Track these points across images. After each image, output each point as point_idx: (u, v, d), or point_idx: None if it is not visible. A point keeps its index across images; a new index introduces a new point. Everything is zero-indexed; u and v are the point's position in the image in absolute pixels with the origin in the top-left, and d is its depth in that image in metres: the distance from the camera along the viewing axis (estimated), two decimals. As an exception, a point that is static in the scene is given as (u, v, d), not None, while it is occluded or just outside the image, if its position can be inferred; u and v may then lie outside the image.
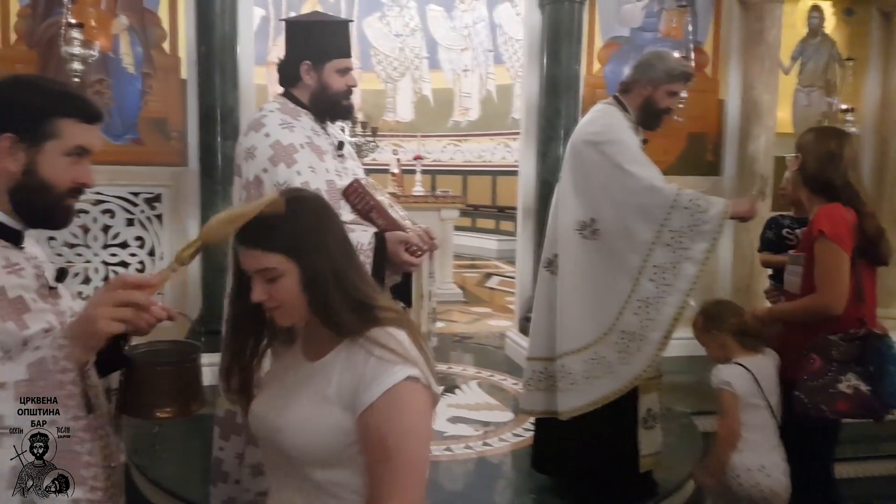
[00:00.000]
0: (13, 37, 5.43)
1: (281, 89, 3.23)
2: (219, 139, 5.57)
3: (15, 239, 1.87)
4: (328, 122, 3.26)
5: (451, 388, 6.03)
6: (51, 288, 1.92)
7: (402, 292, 3.07)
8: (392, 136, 15.78)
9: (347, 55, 3.17)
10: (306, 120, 3.12)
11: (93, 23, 5.45)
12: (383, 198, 3.08)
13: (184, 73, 5.75)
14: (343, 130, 3.43)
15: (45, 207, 1.86)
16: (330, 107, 3.17)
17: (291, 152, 2.93)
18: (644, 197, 3.62)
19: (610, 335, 3.76)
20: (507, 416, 5.42)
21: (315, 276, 1.84)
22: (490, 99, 16.15)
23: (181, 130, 5.77)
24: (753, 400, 3.45)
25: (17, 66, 5.38)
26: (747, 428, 3.44)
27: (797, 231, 4.33)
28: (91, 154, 1.91)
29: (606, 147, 3.73)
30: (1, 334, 1.72)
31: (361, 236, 2.85)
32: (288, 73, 3.17)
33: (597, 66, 6.50)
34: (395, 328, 1.89)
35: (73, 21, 5.17)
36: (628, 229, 3.68)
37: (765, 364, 3.54)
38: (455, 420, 5.30)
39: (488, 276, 12.79)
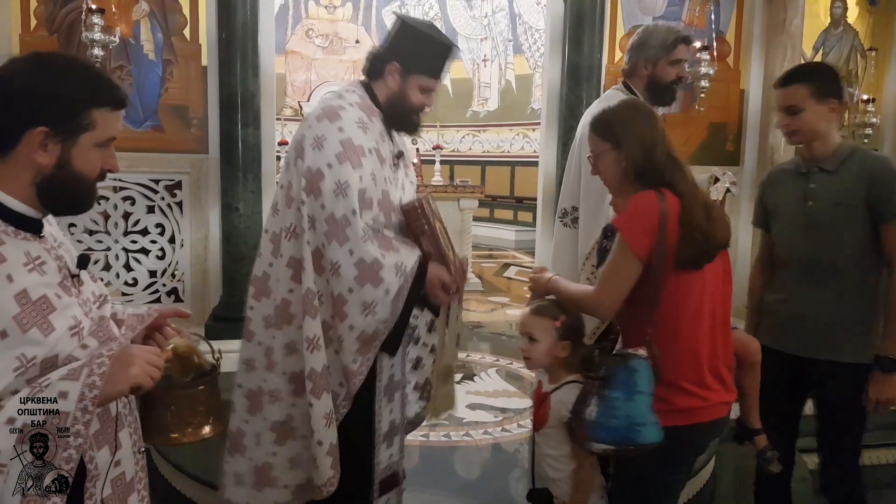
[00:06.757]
0: (33, 22, 5.44)
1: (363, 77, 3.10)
2: (239, 126, 5.60)
3: (34, 228, 1.79)
4: (393, 130, 3.13)
5: (469, 375, 6.05)
6: (73, 276, 1.85)
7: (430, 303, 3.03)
8: (411, 125, 15.73)
9: (438, 78, 3.04)
10: (377, 122, 3.00)
11: (113, 8, 5.47)
12: (438, 224, 3.01)
13: (204, 60, 5.75)
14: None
15: (75, 198, 1.83)
16: (401, 117, 3.04)
17: (360, 155, 2.81)
18: (593, 187, 3.44)
19: None
20: (524, 402, 5.46)
21: None
22: (509, 89, 16.15)
23: (202, 117, 5.77)
24: None
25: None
26: None
27: None
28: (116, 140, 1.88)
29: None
30: (25, 346, 1.65)
31: (407, 259, 2.82)
32: (375, 66, 3.03)
33: (619, 54, 6.45)
34: None
35: (93, 6, 5.18)
36: (584, 222, 3.60)
37: None
38: (474, 407, 5.35)
39: (506, 266, 12.81)
